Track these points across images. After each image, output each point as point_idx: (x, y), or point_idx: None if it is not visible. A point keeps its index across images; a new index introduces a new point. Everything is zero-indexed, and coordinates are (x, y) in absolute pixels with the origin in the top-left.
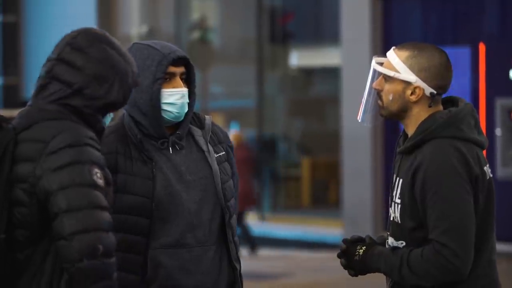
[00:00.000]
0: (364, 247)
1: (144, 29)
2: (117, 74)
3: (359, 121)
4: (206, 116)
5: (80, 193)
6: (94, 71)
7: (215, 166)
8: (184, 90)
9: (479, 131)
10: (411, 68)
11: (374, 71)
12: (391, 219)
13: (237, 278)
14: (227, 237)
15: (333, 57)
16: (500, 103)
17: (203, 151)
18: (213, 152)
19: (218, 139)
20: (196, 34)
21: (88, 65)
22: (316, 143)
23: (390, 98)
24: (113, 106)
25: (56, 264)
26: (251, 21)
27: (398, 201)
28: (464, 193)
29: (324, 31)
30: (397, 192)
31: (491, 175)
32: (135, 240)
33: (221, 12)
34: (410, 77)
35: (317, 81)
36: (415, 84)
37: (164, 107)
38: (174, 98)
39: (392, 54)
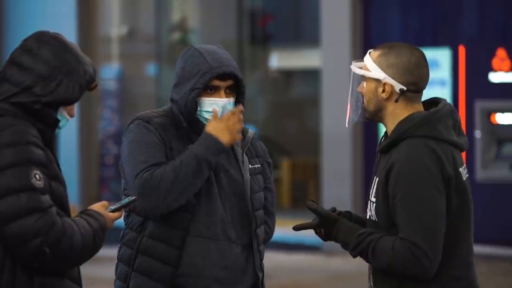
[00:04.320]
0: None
1: (124, 29)
2: (66, 73)
3: (347, 126)
4: (249, 130)
5: (16, 199)
6: (41, 71)
7: (246, 175)
8: (224, 100)
9: (459, 133)
10: (380, 66)
11: (353, 75)
12: (368, 217)
13: (259, 287)
14: (253, 246)
15: (313, 59)
16: (480, 105)
17: (237, 161)
18: (247, 162)
19: (256, 153)
20: (176, 36)
21: (36, 65)
22: (295, 144)
23: (367, 98)
24: (63, 103)
25: (16, 262)
26: (231, 22)
27: (374, 199)
28: (436, 192)
29: (304, 33)
30: (373, 190)
31: (467, 176)
32: (181, 216)
33: (201, 14)
34: (379, 74)
35: (297, 83)
36: (384, 81)
37: (204, 114)
38: (213, 107)
39: (367, 56)
